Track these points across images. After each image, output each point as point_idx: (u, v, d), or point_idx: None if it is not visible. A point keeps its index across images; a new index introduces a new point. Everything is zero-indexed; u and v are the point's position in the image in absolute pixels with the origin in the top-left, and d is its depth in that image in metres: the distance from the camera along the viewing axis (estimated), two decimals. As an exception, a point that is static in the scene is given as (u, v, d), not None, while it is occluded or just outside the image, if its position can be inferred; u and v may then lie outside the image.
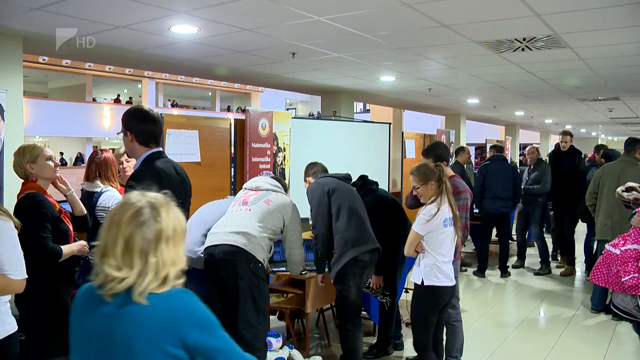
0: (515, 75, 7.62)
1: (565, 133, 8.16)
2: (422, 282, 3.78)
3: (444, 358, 4.34)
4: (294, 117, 7.75)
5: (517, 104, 12.18)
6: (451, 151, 9.67)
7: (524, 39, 5.37)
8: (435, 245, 3.76)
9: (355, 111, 14.10)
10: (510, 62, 6.57)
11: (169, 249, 1.67)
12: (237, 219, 3.86)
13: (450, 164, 6.37)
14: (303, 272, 4.62)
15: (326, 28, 4.94)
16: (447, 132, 10.94)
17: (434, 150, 4.71)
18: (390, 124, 8.85)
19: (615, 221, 5.89)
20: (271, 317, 5.43)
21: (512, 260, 8.75)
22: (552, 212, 8.92)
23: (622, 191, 4.10)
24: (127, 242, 1.63)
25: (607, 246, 3.97)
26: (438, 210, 3.72)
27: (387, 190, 8.22)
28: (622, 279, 3.70)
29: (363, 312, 5.11)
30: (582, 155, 8.31)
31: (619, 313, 3.90)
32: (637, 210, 3.84)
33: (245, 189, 4.22)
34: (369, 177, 5.07)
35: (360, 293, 4.36)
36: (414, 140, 9.34)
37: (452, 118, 14.26)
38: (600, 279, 3.93)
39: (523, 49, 5.80)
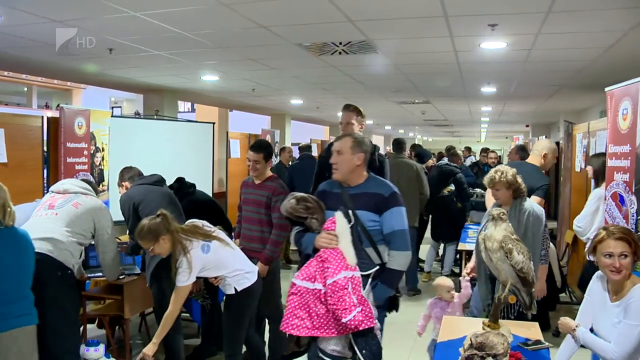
0: (334, 77, 7.91)
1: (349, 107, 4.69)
2: (236, 290, 3.76)
3: (267, 356, 4.44)
4: (114, 116, 7.44)
5: (338, 105, 12.60)
6: (276, 150, 9.85)
7: (340, 43, 5.61)
8: (223, 266, 3.70)
9: (182, 110, 13.87)
10: (330, 65, 6.82)
11: None
12: (42, 224, 3.61)
13: (274, 163, 6.49)
14: (121, 277, 4.46)
15: (143, 24, 4.80)
16: (272, 132, 11.11)
17: (268, 147, 4.69)
18: (214, 123, 8.82)
19: None
20: (90, 325, 5.17)
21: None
22: None
23: (295, 204, 3.22)
24: None
25: (297, 282, 3.06)
26: (190, 260, 3.49)
27: (211, 190, 8.21)
28: (343, 320, 2.88)
29: (186, 314, 5.05)
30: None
31: None
32: (326, 227, 3.13)
33: (52, 192, 3.97)
34: (188, 179, 5.04)
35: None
36: (238, 140, 9.40)
37: (277, 118, 14.52)
38: (303, 328, 2.97)
39: (340, 53, 6.04)
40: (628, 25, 4.56)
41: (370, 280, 3.06)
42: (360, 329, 2.89)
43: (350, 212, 3.10)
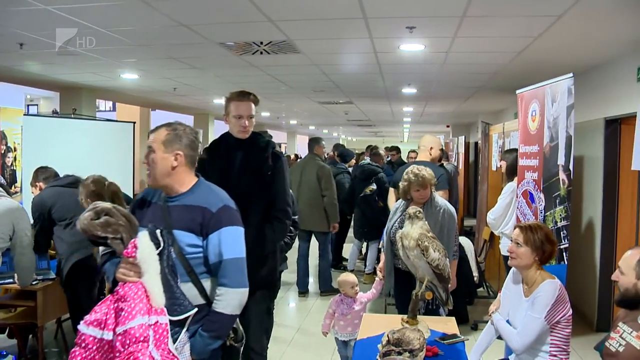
0: (257, 77, 7.87)
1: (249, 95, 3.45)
2: None
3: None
4: (27, 114, 7.15)
5: (262, 105, 12.61)
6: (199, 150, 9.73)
7: (262, 43, 5.59)
8: None
9: (103, 109, 13.44)
10: (252, 64, 6.78)
11: None
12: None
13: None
14: (34, 282, 4.27)
15: (57, 19, 4.61)
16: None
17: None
18: (134, 123, 8.62)
19: (306, 213, 6.74)
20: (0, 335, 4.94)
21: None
22: None
23: (91, 219, 2.27)
24: None
25: (83, 328, 2.15)
26: None
27: (132, 191, 8.02)
28: None
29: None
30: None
31: None
32: (125, 252, 2.23)
33: (-39, 194, 3.78)
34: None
35: (93, 299, 4.16)
36: (161, 140, 9.22)
37: (201, 118, 14.35)
38: None
39: (262, 52, 6.02)
40: (537, 31, 4.76)
41: (187, 327, 2.25)
42: None
43: (160, 231, 2.26)
